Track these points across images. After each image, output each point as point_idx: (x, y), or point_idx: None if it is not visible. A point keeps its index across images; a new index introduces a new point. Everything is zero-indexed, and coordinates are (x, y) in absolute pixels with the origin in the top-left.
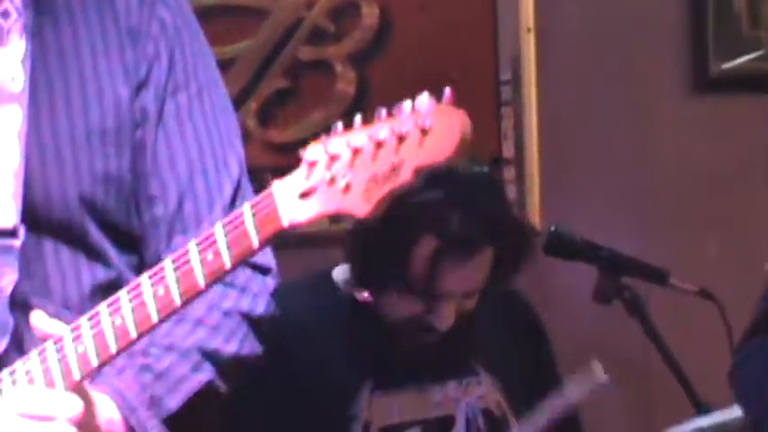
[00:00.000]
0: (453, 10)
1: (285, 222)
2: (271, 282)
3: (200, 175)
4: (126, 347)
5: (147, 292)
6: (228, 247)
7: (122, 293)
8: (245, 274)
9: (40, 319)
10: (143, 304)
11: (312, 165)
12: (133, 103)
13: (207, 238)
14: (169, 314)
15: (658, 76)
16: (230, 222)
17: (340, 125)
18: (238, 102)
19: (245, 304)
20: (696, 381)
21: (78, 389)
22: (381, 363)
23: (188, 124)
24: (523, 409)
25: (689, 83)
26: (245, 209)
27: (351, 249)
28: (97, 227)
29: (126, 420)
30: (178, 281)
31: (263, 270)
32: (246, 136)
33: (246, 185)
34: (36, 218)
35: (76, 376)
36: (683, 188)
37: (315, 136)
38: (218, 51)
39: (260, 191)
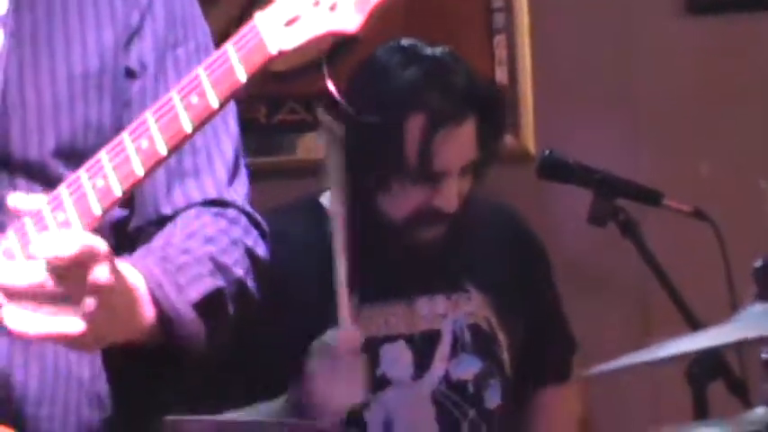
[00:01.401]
0: None
1: (273, 50)
2: (265, 246)
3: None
4: (111, 207)
5: (130, 147)
6: (213, 86)
7: (102, 155)
8: (244, 220)
9: (17, 199)
10: (126, 160)
11: None
12: (120, 50)
13: (190, 83)
14: (154, 165)
15: None
16: (214, 62)
17: None
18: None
19: (250, 240)
20: (691, 300)
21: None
22: (368, 277)
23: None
24: (513, 327)
25: (681, 3)
26: (228, 46)
27: (345, 154)
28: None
29: (152, 293)
30: (161, 130)
31: (258, 226)
32: None
33: (242, 149)
34: (10, 157)
35: None
36: (676, 109)
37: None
38: None
39: None
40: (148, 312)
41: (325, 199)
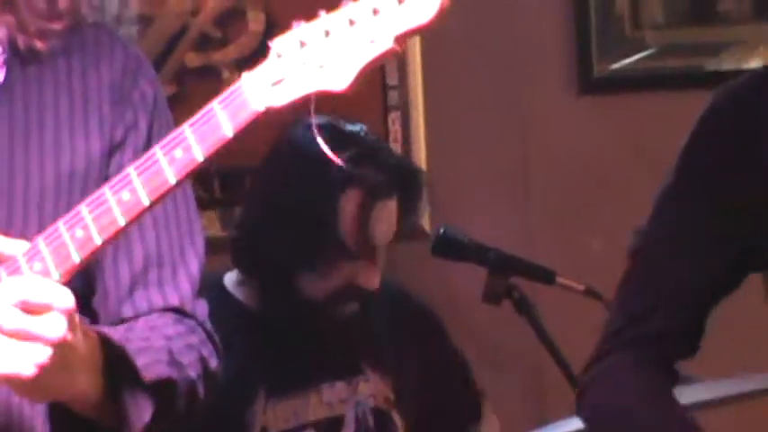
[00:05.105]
0: None
1: (260, 107)
2: (218, 362)
3: (165, 242)
4: (90, 257)
5: (111, 199)
6: (198, 143)
7: (81, 208)
8: (201, 332)
9: None
10: (108, 211)
11: (281, 53)
12: (104, 158)
13: (174, 139)
14: (136, 217)
15: (544, 77)
16: (199, 119)
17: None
18: None
19: (205, 351)
20: None
21: None
22: (274, 369)
23: None
24: (409, 404)
25: (574, 84)
26: (214, 104)
27: (273, 236)
28: None
29: (109, 361)
30: (144, 183)
31: (214, 343)
32: None
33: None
34: None
35: None
36: (569, 188)
37: None
38: None
39: None
40: (98, 380)
41: (229, 280)
